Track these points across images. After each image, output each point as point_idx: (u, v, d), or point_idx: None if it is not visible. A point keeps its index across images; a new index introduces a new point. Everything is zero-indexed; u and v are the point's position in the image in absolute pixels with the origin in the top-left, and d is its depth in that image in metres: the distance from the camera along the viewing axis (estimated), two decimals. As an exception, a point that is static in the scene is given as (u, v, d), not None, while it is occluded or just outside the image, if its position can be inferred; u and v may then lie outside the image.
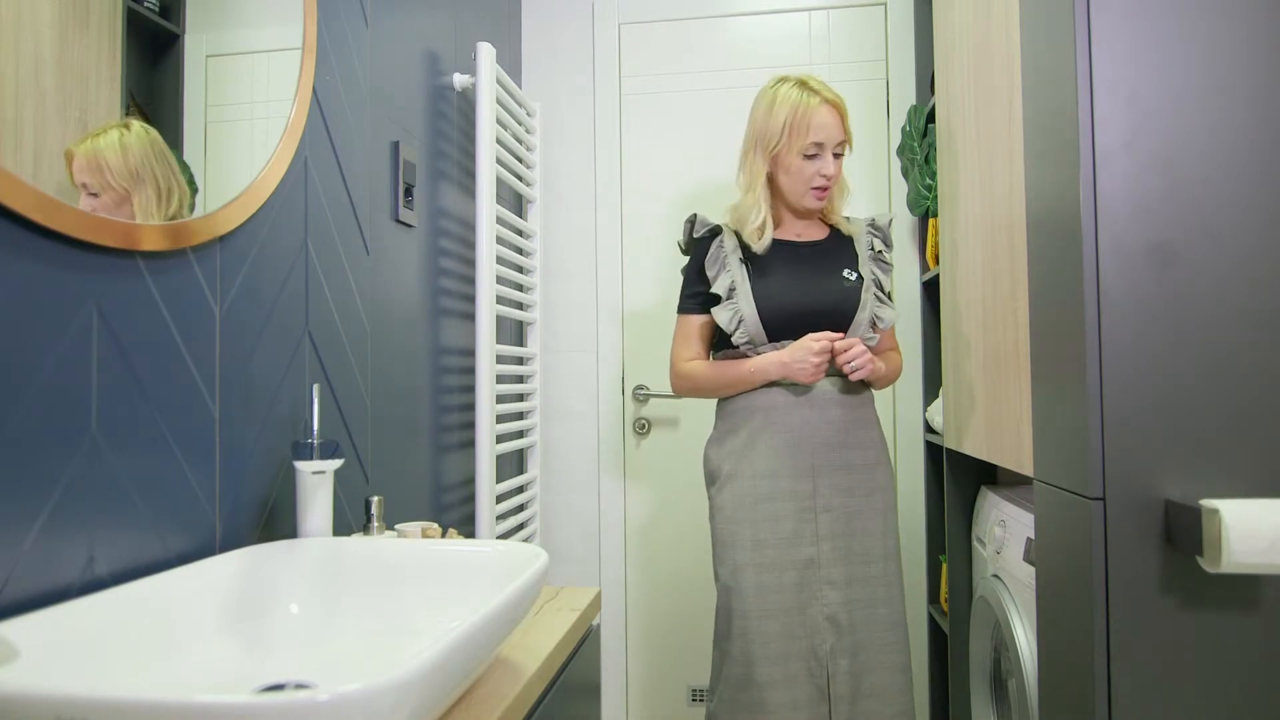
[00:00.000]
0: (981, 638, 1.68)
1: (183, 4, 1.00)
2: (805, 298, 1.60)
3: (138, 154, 0.92)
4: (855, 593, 1.54)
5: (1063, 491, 1.16)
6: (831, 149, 1.61)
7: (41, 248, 0.78)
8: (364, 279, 1.43)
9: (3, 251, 0.74)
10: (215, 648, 0.84)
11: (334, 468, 1.10)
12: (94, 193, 0.86)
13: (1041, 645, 1.28)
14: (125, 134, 0.91)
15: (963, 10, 1.73)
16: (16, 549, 0.74)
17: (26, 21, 0.77)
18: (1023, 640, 1.42)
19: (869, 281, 1.64)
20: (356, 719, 0.54)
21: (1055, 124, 1.16)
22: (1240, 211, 1.05)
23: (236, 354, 1.07)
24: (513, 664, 0.91)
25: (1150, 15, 1.07)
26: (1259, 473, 1.04)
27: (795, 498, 1.56)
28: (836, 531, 1.55)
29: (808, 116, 1.59)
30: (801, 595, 1.53)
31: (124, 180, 0.89)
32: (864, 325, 1.60)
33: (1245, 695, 1.04)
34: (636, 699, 2.39)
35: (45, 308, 0.78)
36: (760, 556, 1.54)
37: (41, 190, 0.77)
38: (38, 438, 0.77)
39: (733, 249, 1.65)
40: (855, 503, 1.57)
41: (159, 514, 0.92)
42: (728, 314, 1.60)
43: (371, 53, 1.48)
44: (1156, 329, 1.06)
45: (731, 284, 1.62)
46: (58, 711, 0.52)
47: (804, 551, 1.54)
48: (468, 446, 1.90)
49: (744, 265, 1.64)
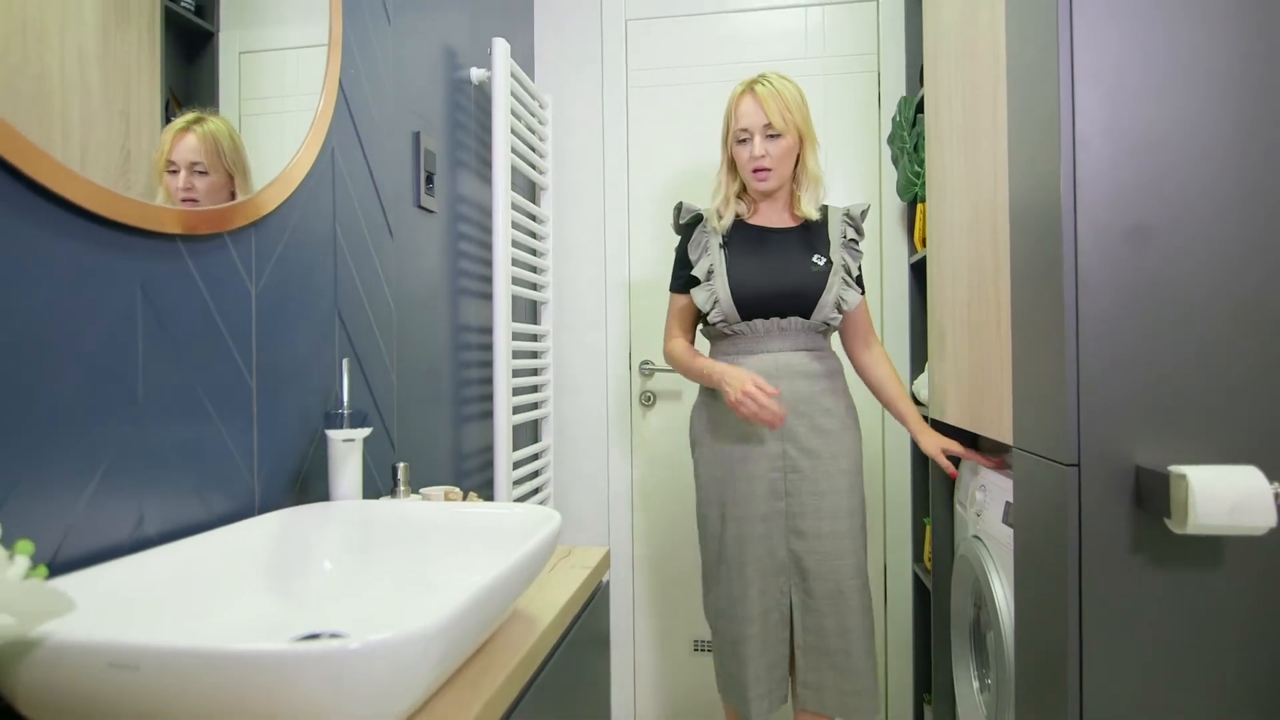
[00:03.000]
0: (962, 594, 1.69)
1: (217, 3, 0.99)
2: (775, 280, 1.62)
3: (237, 142, 0.99)
4: (821, 545, 1.59)
5: (1040, 459, 1.16)
6: (759, 133, 1.61)
7: (90, 232, 0.78)
8: (389, 261, 1.43)
9: (55, 235, 0.74)
10: (255, 601, 0.85)
11: (363, 436, 1.11)
12: (203, 171, 0.92)
13: (1019, 601, 1.28)
14: (222, 124, 0.97)
15: (951, 6, 1.71)
16: (71, 511, 0.75)
17: (71, 21, 0.77)
18: (1000, 596, 1.43)
19: (837, 266, 1.66)
20: (385, 665, 0.55)
21: (1037, 112, 1.15)
22: (1213, 196, 1.04)
23: (271, 330, 1.08)
24: (529, 616, 0.92)
25: (1129, 8, 1.06)
26: (1223, 441, 1.04)
27: (766, 459, 1.62)
28: (804, 490, 1.60)
29: (735, 106, 1.65)
30: (771, 542, 1.60)
31: (233, 162, 0.95)
32: (829, 307, 1.63)
33: (1209, 647, 1.04)
34: (643, 649, 2.42)
35: (93, 287, 0.78)
36: (736, 510, 1.61)
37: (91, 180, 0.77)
38: (89, 409, 0.77)
39: (713, 233, 1.69)
40: (822, 464, 1.61)
41: (202, 478, 0.93)
42: (704, 295, 1.65)
43: (393, 48, 1.47)
44: (1131, 307, 1.05)
45: (710, 267, 1.66)
46: (110, 659, 0.52)
47: (775, 505, 1.61)
48: (486, 417, 1.91)
49: (722, 250, 1.67)
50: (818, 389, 1.64)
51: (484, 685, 0.72)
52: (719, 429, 1.66)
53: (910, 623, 2.25)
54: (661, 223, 2.37)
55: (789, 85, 1.65)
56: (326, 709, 0.53)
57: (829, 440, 1.63)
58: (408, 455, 1.50)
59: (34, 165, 0.71)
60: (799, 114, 1.63)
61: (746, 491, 1.61)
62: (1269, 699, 1.04)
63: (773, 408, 1.49)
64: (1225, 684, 1.04)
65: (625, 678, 2.41)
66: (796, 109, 1.62)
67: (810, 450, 1.61)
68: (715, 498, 1.65)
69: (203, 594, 0.80)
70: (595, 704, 1.13)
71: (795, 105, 1.62)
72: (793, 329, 1.65)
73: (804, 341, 1.66)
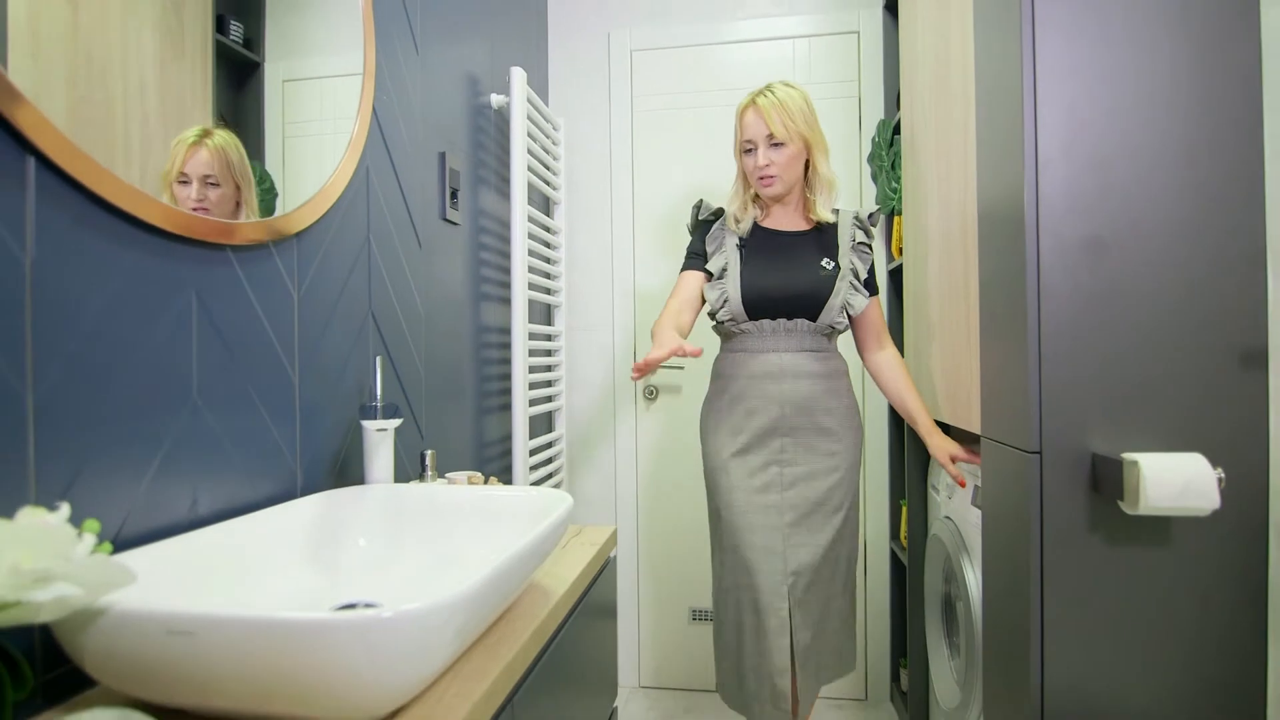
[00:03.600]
0: (934, 569, 1.69)
1: (262, 37, 0.99)
2: (784, 284, 1.55)
3: (243, 154, 0.93)
4: (816, 538, 1.52)
5: (1006, 447, 1.16)
6: (763, 143, 1.54)
7: (150, 243, 0.78)
8: (417, 269, 1.43)
9: (120, 247, 0.74)
10: (297, 574, 0.86)
11: (394, 426, 1.11)
12: (215, 183, 0.87)
13: (986, 575, 1.28)
14: (229, 136, 0.91)
15: (925, 37, 1.70)
16: (133, 493, 0.75)
17: (133, 54, 0.77)
18: (969, 571, 1.43)
19: (845, 271, 1.57)
20: (415, 632, 0.55)
21: (1004, 134, 1.14)
22: (1163, 210, 1.04)
23: (312, 331, 1.08)
24: (544, 588, 0.92)
25: (1087, 40, 1.05)
26: (1171, 431, 1.04)
27: (767, 452, 1.55)
28: (800, 479, 1.54)
29: (740, 119, 1.58)
30: (768, 519, 1.52)
31: (240, 174, 0.91)
32: (835, 310, 1.55)
33: (1157, 616, 1.04)
34: (646, 618, 2.42)
35: (153, 293, 0.79)
36: (740, 499, 1.54)
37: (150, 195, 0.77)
38: (149, 402, 0.78)
39: (731, 233, 1.62)
40: (819, 460, 1.55)
41: (250, 464, 0.94)
42: (716, 293, 1.58)
43: (421, 76, 1.47)
44: (1088, 310, 1.05)
45: (724, 265, 1.59)
46: (168, 625, 0.52)
47: (771, 498, 1.53)
48: (505, 409, 1.91)
49: (738, 250, 1.60)
50: (820, 389, 1.55)
51: (503, 651, 0.72)
52: (724, 423, 1.59)
53: (887, 595, 2.25)
54: (664, 232, 2.37)
55: (794, 94, 1.55)
56: (362, 671, 0.53)
57: (828, 438, 1.56)
58: (434, 443, 1.50)
59: (100, 183, 0.71)
60: (803, 122, 1.53)
61: (746, 484, 1.54)
62: (1211, 663, 1.04)
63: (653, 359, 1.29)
64: (1171, 649, 1.04)
65: (630, 643, 2.41)
66: (801, 117, 1.53)
67: (810, 446, 1.55)
68: (722, 486, 1.57)
69: (251, 567, 0.80)
70: (602, 667, 1.13)
71: (799, 113, 1.53)
72: (799, 330, 1.56)
73: (809, 343, 1.57)
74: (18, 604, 0.44)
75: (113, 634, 0.53)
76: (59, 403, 0.67)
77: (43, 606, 0.45)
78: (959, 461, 1.50)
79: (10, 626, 0.45)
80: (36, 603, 0.44)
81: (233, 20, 0.93)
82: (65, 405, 0.68)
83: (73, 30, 0.70)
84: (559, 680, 0.89)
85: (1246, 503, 1.02)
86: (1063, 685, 1.06)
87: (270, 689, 0.54)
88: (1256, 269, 1.02)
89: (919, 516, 1.95)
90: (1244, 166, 1.03)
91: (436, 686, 0.64)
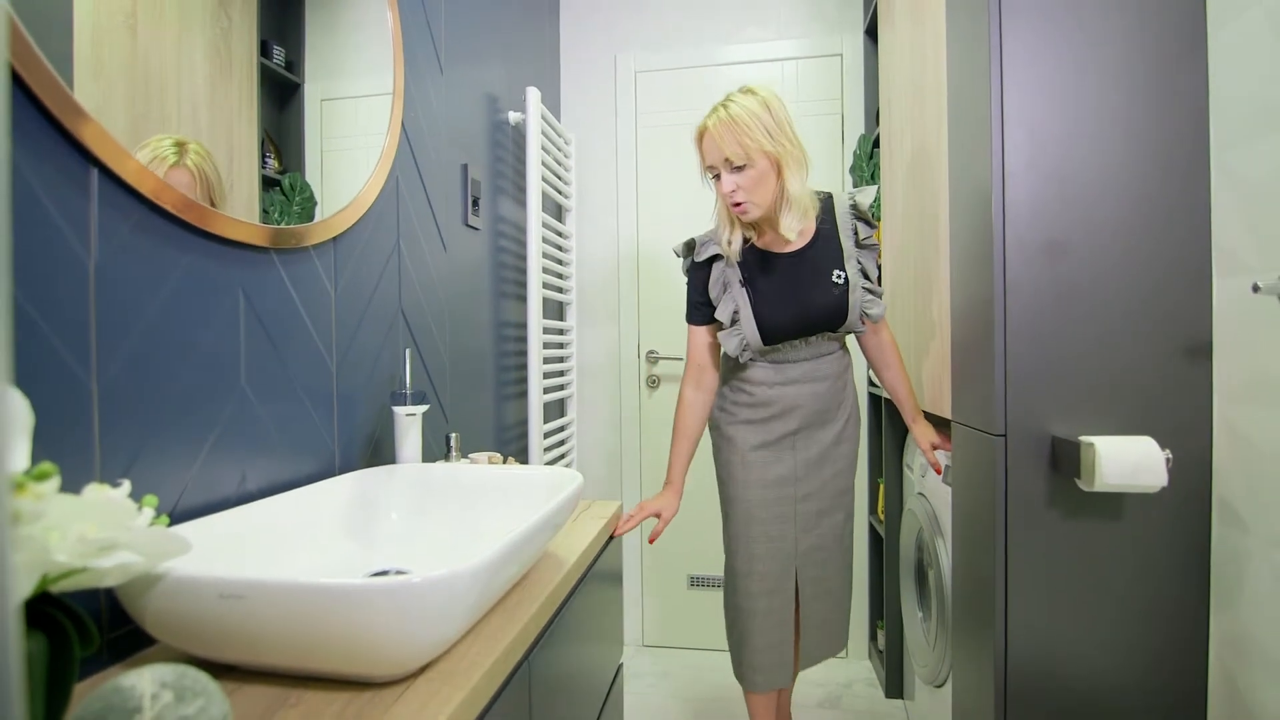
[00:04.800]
0: (908, 540, 1.69)
1: (302, 60, 0.99)
2: (800, 314, 1.36)
3: (218, 167, 0.82)
4: (822, 521, 1.47)
5: (974, 430, 1.16)
6: (724, 168, 1.29)
7: (202, 246, 0.78)
8: (442, 269, 1.43)
9: (176, 250, 0.74)
10: (335, 544, 0.86)
11: (422, 411, 1.11)
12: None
13: (955, 546, 1.28)
14: (201, 149, 0.79)
15: (902, 60, 1.69)
16: (188, 471, 0.76)
17: (186, 75, 0.77)
18: (940, 542, 1.43)
19: (855, 282, 1.36)
20: (441, 595, 0.55)
21: (972, 149, 1.14)
22: (1117, 217, 1.03)
23: (348, 326, 1.08)
24: (557, 558, 0.92)
25: (1049, 64, 1.04)
26: (1124, 416, 1.03)
27: (782, 448, 1.45)
28: (810, 473, 1.46)
29: (699, 145, 1.33)
30: (783, 509, 1.45)
31: (218, 192, 0.81)
32: (855, 321, 1.38)
33: (1111, 583, 1.04)
34: (649, 584, 2.42)
35: (205, 291, 0.79)
36: (758, 493, 1.44)
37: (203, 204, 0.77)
38: (202, 390, 0.78)
39: (730, 266, 1.38)
40: (830, 450, 1.47)
41: (292, 446, 0.94)
42: (734, 341, 1.37)
43: (445, 95, 1.46)
44: (1048, 306, 1.05)
45: (735, 310, 1.37)
46: (219, 590, 0.53)
47: (787, 490, 1.45)
48: (521, 396, 1.91)
49: (744, 288, 1.37)
50: (833, 389, 1.45)
51: (520, 614, 0.72)
52: (747, 419, 1.45)
53: (866, 564, 2.25)
54: (665, 238, 2.36)
55: (751, 104, 1.27)
56: (394, 630, 0.54)
57: (837, 426, 1.47)
58: (458, 426, 1.50)
59: (158, 193, 0.71)
60: (764, 135, 1.26)
61: (762, 476, 1.44)
62: (1159, 626, 1.03)
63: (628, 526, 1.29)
64: (1122, 614, 1.04)
65: (634, 606, 2.42)
66: (761, 129, 1.25)
67: (820, 437, 1.46)
68: (739, 478, 1.46)
69: (293, 538, 0.80)
70: (609, 628, 1.14)
71: (757, 128, 1.25)
72: (818, 340, 1.41)
73: (826, 348, 1.43)
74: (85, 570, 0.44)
75: (170, 597, 0.53)
76: (120, 391, 0.67)
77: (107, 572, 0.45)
78: (938, 449, 1.45)
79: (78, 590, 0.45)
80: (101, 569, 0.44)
81: (275, 45, 0.93)
82: (126, 394, 0.68)
83: (132, 54, 0.70)
84: (570, 639, 0.89)
85: (1192, 481, 1.02)
86: (1024, 645, 1.06)
87: (311, 647, 0.54)
88: (1203, 270, 1.02)
89: (895, 493, 1.95)
90: (1191, 179, 1.02)
91: (460, 645, 0.64)
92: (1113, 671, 1.04)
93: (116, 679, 0.41)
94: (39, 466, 0.41)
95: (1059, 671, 1.05)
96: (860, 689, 2.10)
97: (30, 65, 0.58)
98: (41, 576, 0.42)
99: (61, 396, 0.61)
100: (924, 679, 1.56)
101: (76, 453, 0.63)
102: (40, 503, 0.41)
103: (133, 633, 0.67)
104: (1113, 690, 1.04)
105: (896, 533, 1.91)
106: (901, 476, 1.92)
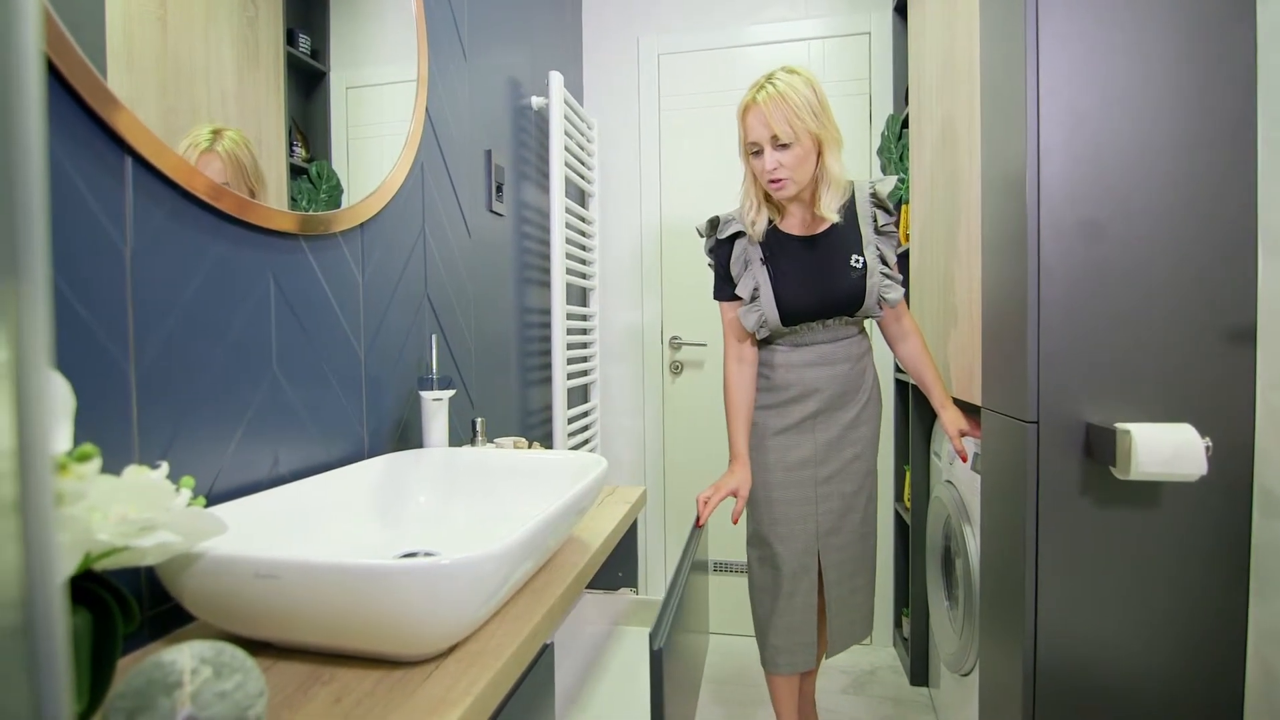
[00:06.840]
0: (935, 528, 1.67)
1: (328, 49, 0.99)
2: (819, 296, 1.37)
3: (254, 153, 0.83)
4: (845, 502, 1.46)
5: (1004, 417, 1.13)
6: (768, 145, 1.30)
7: (234, 234, 0.79)
8: (467, 255, 1.44)
9: (209, 237, 0.75)
10: (365, 525, 0.87)
11: (448, 396, 1.12)
12: (227, 186, 0.78)
13: (984, 534, 1.26)
14: (238, 135, 0.81)
15: (932, 37, 1.65)
16: (223, 454, 0.77)
17: (214, 65, 0.78)
18: (968, 530, 1.41)
19: (874, 266, 1.38)
20: (468, 577, 0.56)
21: (1006, 126, 1.10)
22: (1153, 197, 1.00)
23: (375, 312, 1.09)
24: (582, 541, 0.93)
25: (1086, 37, 1.01)
26: (1160, 403, 1.00)
27: (803, 431, 1.45)
28: (831, 455, 1.45)
29: (744, 120, 1.33)
30: (804, 492, 1.45)
31: (254, 177, 0.83)
32: (872, 305, 1.39)
33: (1145, 572, 1.02)
34: (671, 567, 2.44)
35: (238, 278, 0.80)
36: (779, 476, 1.45)
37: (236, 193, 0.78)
38: (236, 375, 0.79)
39: (752, 244, 1.41)
40: (849, 433, 1.46)
41: (323, 430, 0.95)
42: (753, 318, 1.39)
43: (469, 81, 1.46)
44: (1083, 289, 1.02)
45: (755, 287, 1.39)
46: (255, 569, 0.54)
47: (807, 472, 1.45)
48: (545, 381, 1.92)
49: (765, 266, 1.39)
50: (855, 371, 1.46)
51: (546, 595, 0.73)
52: (767, 404, 1.46)
53: (892, 551, 2.23)
54: (689, 222, 2.34)
55: (797, 83, 1.29)
56: (422, 611, 0.54)
57: (857, 409, 1.46)
58: (484, 411, 1.51)
59: (191, 181, 0.72)
60: (810, 116, 1.29)
61: (783, 460, 1.44)
62: (1194, 618, 1.01)
63: (706, 510, 1.34)
64: (1157, 604, 1.02)
65: (656, 589, 2.44)
66: (808, 110, 1.28)
67: (840, 420, 1.45)
68: (758, 463, 1.46)
69: (324, 519, 0.82)
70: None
71: (805, 107, 1.28)
72: (836, 323, 1.42)
73: (844, 332, 1.43)
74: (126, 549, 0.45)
75: (207, 576, 0.55)
76: (157, 376, 0.69)
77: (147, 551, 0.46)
78: (965, 436, 1.43)
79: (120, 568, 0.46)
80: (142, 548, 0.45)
81: (301, 34, 0.93)
82: (163, 378, 0.69)
83: (162, 45, 0.71)
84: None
85: (1232, 470, 0.99)
86: (1053, 634, 1.04)
87: (343, 626, 0.55)
88: (1247, 251, 0.98)
89: (921, 480, 1.93)
90: (1237, 155, 0.98)
91: (488, 626, 0.65)
92: (1146, 662, 1.02)
93: (158, 654, 0.43)
94: (81, 448, 0.42)
95: (1090, 662, 1.03)
96: (885, 675, 2.09)
97: (65, 56, 0.59)
98: (84, 555, 0.44)
99: (101, 380, 0.63)
100: (949, 667, 1.55)
101: (116, 435, 0.64)
102: (83, 483, 0.42)
103: (172, 610, 0.69)
104: (1146, 681, 1.02)
105: (923, 520, 1.89)
106: (929, 464, 1.90)
